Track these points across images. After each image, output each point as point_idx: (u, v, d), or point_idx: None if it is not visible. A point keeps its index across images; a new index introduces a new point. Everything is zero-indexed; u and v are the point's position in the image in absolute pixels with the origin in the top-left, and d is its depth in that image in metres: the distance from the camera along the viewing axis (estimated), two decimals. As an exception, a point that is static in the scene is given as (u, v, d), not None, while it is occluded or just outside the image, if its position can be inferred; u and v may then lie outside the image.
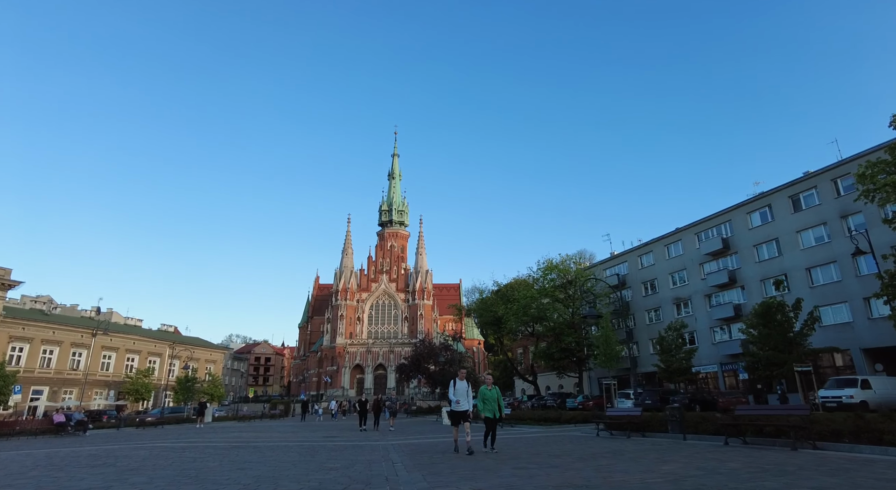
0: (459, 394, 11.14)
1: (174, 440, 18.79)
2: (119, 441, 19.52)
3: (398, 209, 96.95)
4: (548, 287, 46.34)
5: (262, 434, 22.14)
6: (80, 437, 23.86)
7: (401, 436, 18.71)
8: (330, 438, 18.48)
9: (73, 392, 49.29)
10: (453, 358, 43.62)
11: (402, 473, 8.00)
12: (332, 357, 78.60)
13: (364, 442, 16.16)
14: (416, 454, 11.30)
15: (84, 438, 23.06)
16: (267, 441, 17.61)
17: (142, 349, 57.09)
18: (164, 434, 24.33)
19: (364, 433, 20.26)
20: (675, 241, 45.19)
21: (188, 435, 22.60)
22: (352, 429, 24.85)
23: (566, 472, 7.63)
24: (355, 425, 28.95)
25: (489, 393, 11.12)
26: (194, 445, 15.68)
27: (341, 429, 25.42)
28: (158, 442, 17.86)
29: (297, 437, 19.93)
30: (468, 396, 11.28)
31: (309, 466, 9.26)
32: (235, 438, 19.35)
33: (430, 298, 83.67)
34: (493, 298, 55.78)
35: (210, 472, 8.53)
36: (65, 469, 9.76)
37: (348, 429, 25.20)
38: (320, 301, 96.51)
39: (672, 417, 13.28)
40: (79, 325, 51.11)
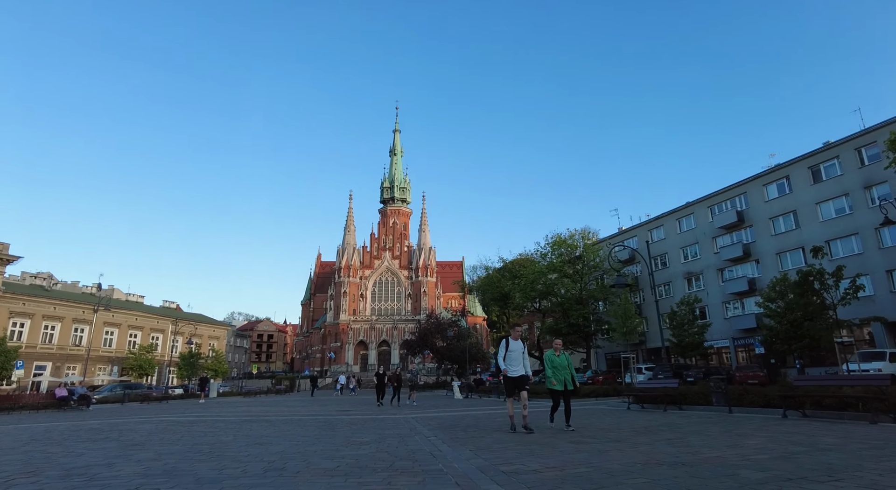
0: (513, 357, 9.09)
1: (180, 414, 17.89)
2: (123, 415, 18.62)
3: (400, 186, 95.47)
4: (556, 262, 45.27)
5: (271, 408, 21.25)
6: (84, 412, 23.00)
7: (419, 410, 17.77)
8: (344, 412, 17.55)
9: (76, 368, 48.56)
10: (461, 333, 42.77)
11: (444, 448, 6.96)
12: (336, 333, 78.01)
13: (382, 416, 15.22)
14: (445, 429, 10.29)
15: (87, 413, 22.19)
16: (279, 415, 16.69)
17: (144, 325, 56.25)
18: (169, 408, 23.48)
19: (381, 408, 19.26)
20: (688, 214, 44.00)
21: (194, 409, 21.73)
22: (364, 403, 24.00)
23: (637, 446, 6.59)
24: (365, 400, 28.19)
25: (558, 359, 9.40)
26: (202, 419, 14.73)
27: (352, 404, 24.57)
28: (164, 416, 16.94)
29: (309, 411, 19.01)
30: (524, 360, 9.18)
31: (335, 441, 8.23)
32: (245, 412, 18.45)
33: (434, 275, 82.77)
34: (499, 274, 54.86)
35: (225, 448, 7.49)
36: (63, 443, 8.74)
37: (360, 404, 24.35)
38: (322, 278, 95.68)
39: (717, 390, 12.29)
40: (80, 301, 50.13)
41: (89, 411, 23.41)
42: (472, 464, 5.55)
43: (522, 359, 9.12)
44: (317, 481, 4.67)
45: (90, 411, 23.40)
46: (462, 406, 20.33)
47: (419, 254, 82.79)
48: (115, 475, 5.20)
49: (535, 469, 5.09)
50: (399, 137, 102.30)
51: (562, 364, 9.38)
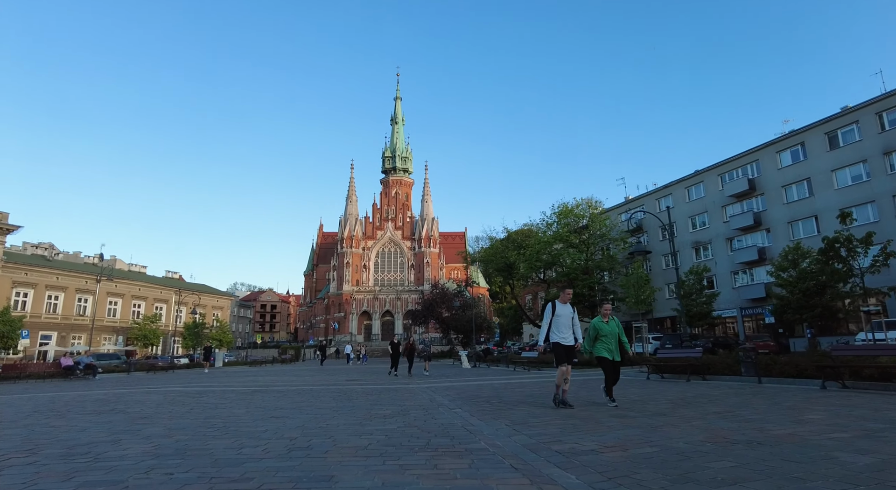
0: (562, 323, 7.82)
1: (188, 384, 17.52)
2: (129, 385, 18.27)
3: (402, 155, 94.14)
4: (562, 232, 44.58)
5: (279, 378, 20.94)
6: (90, 381, 22.73)
7: (432, 380, 17.37)
8: (356, 382, 17.16)
9: (81, 337, 48.52)
10: (466, 303, 42.44)
11: (476, 423, 6.43)
12: (340, 304, 77.98)
13: (396, 385, 14.79)
14: (467, 400, 9.80)
15: (93, 382, 21.91)
16: (289, 385, 16.29)
17: (147, 295, 56.02)
18: (175, 378, 23.20)
19: (394, 378, 18.81)
20: (697, 183, 43.11)
21: (201, 379, 21.42)
22: (373, 373, 23.69)
23: (689, 421, 6.04)
24: (373, 370, 27.96)
25: (607, 326, 8.13)
26: (211, 390, 14.31)
27: (361, 373, 24.28)
28: (171, 386, 16.55)
29: (319, 380, 18.66)
30: (575, 326, 7.99)
31: (355, 414, 7.71)
32: (253, 382, 18.08)
33: (437, 246, 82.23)
34: (503, 245, 54.25)
35: (240, 422, 6.96)
36: (66, 416, 8.24)
37: (369, 373, 24.05)
38: (324, 249, 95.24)
39: (746, 359, 11.77)
40: (82, 271, 49.74)
41: (95, 381, 23.14)
42: (516, 441, 5.00)
43: (572, 325, 7.96)
44: (350, 463, 4.10)
45: (96, 381, 23.13)
46: (473, 375, 19.96)
47: (422, 224, 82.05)
48: (122, 455, 4.64)
49: (593, 448, 4.52)
50: (400, 105, 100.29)
51: (611, 331, 8.12)
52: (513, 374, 19.79)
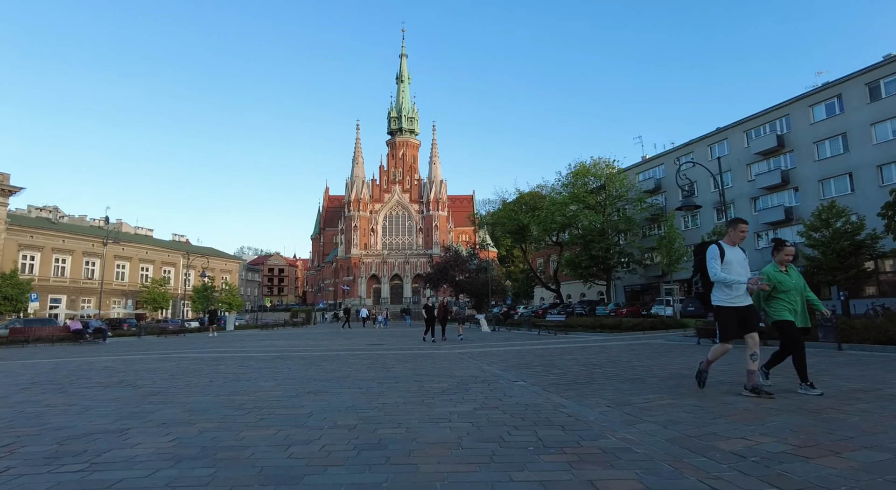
0: (735, 265, 5.26)
1: (201, 349, 16.45)
2: (140, 350, 17.24)
3: (408, 116, 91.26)
4: (579, 192, 42.87)
5: (297, 342, 19.90)
6: (99, 346, 21.78)
7: (464, 345, 16.24)
8: (380, 347, 16.05)
9: (91, 301, 47.86)
10: (481, 266, 41.19)
11: (565, 403, 5.18)
12: (348, 267, 77.15)
13: (427, 350, 13.66)
14: (521, 369, 8.59)
15: (103, 346, 20.95)
16: (310, 349, 15.19)
17: (155, 259, 55.05)
18: (188, 343, 22.23)
19: (430, 343, 17.46)
20: (720, 140, 41.09)
21: (215, 344, 20.41)
22: (392, 335, 22.64)
23: (868, 402, 4.76)
24: (390, 332, 26.95)
25: (789, 279, 5.45)
26: (228, 356, 13.19)
27: (380, 336, 23.24)
28: (185, 352, 15.47)
29: (340, 344, 17.58)
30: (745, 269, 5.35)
31: (407, 387, 6.47)
32: (270, 347, 17.02)
33: (445, 209, 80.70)
34: (514, 206, 52.63)
35: (273, 401, 5.71)
36: (67, 390, 7.03)
37: (388, 336, 23.01)
38: (331, 212, 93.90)
39: (826, 324, 10.49)
40: (88, 234, 48.64)
41: (105, 345, 22.20)
42: (650, 434, 3.72)
43: (745, 270, 5.38)
44: (461, 478, 2.81)
45: (106, 345, 22.19)
46: (499, 340, 18.85)
47: (430, 187, 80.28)
48: (130, 457, 3.37)
49: (783, 449, 3.22)
50: (406, 63, 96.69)
51: (796, 285, 5.44)
52: (541, 339, 18.68)
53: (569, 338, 18.91)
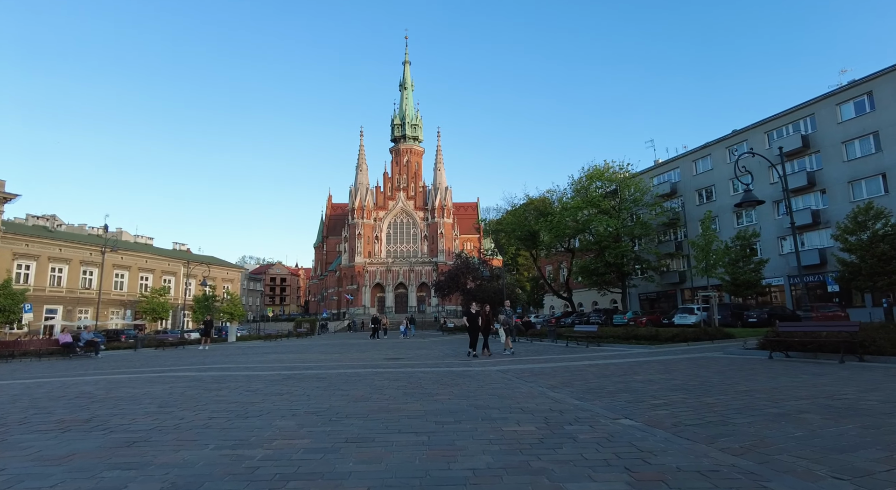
0: None
1: (200, 366, 14.53)
2: (133, 366, 15.33)
3: (411, 123, 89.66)
4: (593, 196, 41.09)
5: (305, 355, 18.01)
6: (90, 360, 19.88)
7: (494, 360, 14.35)
8: (402, 362, 14.15)
9: (88, 311, 45.92)
10: (493, 273, 39.25)
11: (766, 473, 3.33)
12: (352, 276, 75.20)
13: (462, 368, 11.77)
14: (602, 397, 6.73)
15: (94, 361, 19.06)
16: (324, 366, 13.29)
17: (155, 268, 53.14)
18: (186, 357, 20.32)
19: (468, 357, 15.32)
20: (740, 142, 39.35)
21: (215, 358, 18.49)
22: (404, 346, 20.70)
23: None
24: (403, 343, 24.99)
25: None
26: (231, 375, 11.32)
27: (394, 347, 21.31)
28: (181, 369, 13.58)
29: (356, 359, 15.68)
30: None
31: (481, 431, 4.61)
32: (278, 362, 15.12)
33: (451, 216, 78.84)
34: (523, 212, 50.83)
35: (299, 461, 3.84)
36: (8, 435, 5.16)
37: (401, 347, 21.09)
38: (334, 220, 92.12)
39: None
40: (86, 243, 46.76)
41: (97, 359, 20.29)
42: None
43: None
44: None
45: (98, 359, 20.28)
46: (530, 353, 16.94)
47: (435, 194, 78.54)
48: None
49: None
50: (409, 70, 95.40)
51: None
52: (576, 352, 16.76)
53: (606, 350, 17.02)
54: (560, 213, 44.21)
